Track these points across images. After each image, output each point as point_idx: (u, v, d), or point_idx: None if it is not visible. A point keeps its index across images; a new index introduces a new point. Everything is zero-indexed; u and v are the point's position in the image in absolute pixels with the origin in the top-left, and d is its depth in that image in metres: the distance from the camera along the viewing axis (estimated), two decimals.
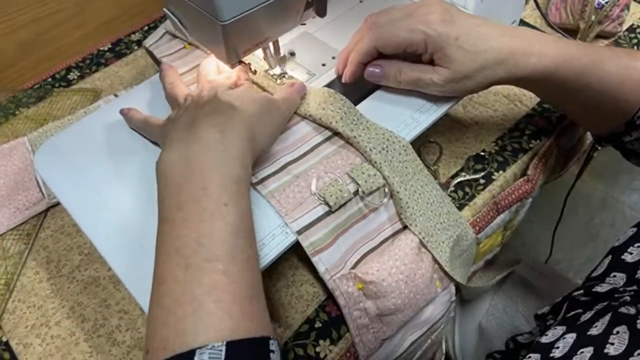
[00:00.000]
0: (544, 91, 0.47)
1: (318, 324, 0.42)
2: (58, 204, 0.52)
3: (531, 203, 0.55)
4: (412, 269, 0.39)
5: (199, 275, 0.29)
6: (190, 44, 0.54)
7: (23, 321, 0.45)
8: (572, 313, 0.38)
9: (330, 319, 0.43)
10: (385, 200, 0.41)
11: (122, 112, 0.46)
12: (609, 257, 0.41)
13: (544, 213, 0.78)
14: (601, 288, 0.38)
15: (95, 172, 0.44)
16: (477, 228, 0.48)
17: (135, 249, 0.38)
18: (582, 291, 0.40)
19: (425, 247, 0.41)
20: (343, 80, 0.46)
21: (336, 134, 0.43)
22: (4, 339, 0.44)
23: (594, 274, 0.41)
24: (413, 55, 0.43)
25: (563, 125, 0.55)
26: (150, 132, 0.44)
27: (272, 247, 0.37)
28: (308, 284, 0.45)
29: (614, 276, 0.38)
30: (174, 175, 0.34)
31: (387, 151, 0.41)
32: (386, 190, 0.41)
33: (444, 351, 0.53)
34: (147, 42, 0.56)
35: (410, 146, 0.42)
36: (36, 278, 0.48)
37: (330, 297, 0.44)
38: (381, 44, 0.43)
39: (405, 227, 0.42)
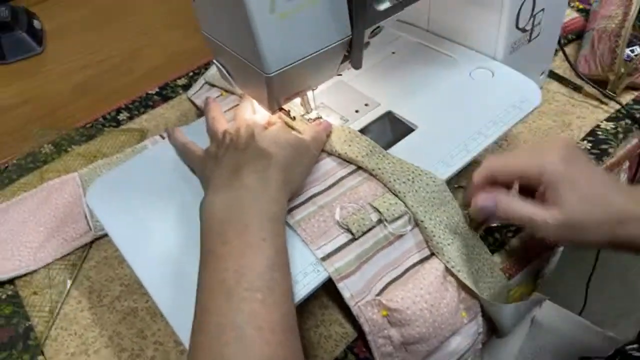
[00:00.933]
0: None
1: None
2: (103, 236, 0.55)
3: (564, 252, 0.55)
4: (437, 297, 0.40)
5: (241, 305, 0.32)
6: (226, 91, 0.58)
7: (64, 348, 0.47)
8: None
9: None
10: (410, 227, 0.42)
11: (167, 130, 0.52)
12: None
13: (578, 263, 0.77)
14: None
15: (142, 208, 0.46)
16: (507, 275, 0.48)
17: (176, 282, 0.40)
18: (635, 345, 0.38)
19: (451, 274, 0.41)
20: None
21: (360, 168, 0.46)
22: None
23: None
24: (526, 192, 0.42)
25: None
26: (188, 158, 0.49)
27: (304, 284, 0.39)
28: (337, 325, 0.46)
29: None
30: (218, 215, 0.38)
31: (412, 182, 0.43)
32: (410, 218, 0.42)
33: None
34: (190, 93, 0.61)
35: (438, 178, 0.44)
36: (78, 307, 0.50)
37: (358, 338, 0.44)
38: (495, 167, 0.42)
39: (431, 255, 0.42)
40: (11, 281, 0.52)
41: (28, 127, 0.71)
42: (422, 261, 0.43)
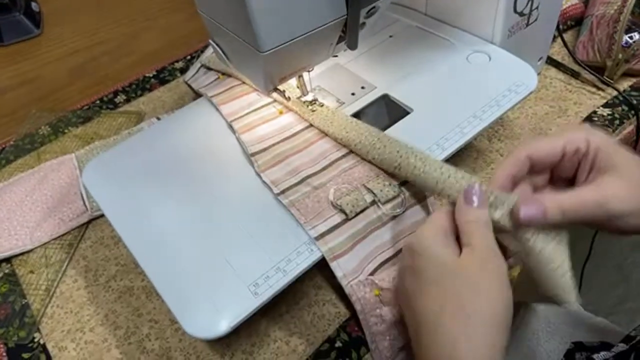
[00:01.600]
0: None
1: (339, 344, 0.43)
2: (99, 216, 0.56)
3: None
4: None
5: None
6: (223, 74, 0.58)
7: (60, 326, 0.47)
8: None
9: (350, 339, 0.43)
10: (403, 209, 0.43)
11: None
12: None
13: (572, 251, 0.78)
14: None
15: (138, 188, 0.47)
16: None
17: (172, 262, 0.41)
18: None
19: None
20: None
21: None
22: (42, 342, 0.46)
23: None
24: (564, 178, 0.37)
25: None
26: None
27: (297, 263, 0.39)
28: (330, 304, 0.46)
29: None
30: None
31: (405, 164, 0.42)
32: (404, 200, 0.42)
33: None
34: (187, 77, 0.61)
35: (430, 157, 0.42)
36: (74, 286, 0.50)
37: (351, 317, 0.45)
38: (535, 149, 0.35)
39: None
40: (8, 260, 0.53)
41: (25, 109, 0.71)
42: None
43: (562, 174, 0.37)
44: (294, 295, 0.47)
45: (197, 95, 0.59)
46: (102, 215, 0.55)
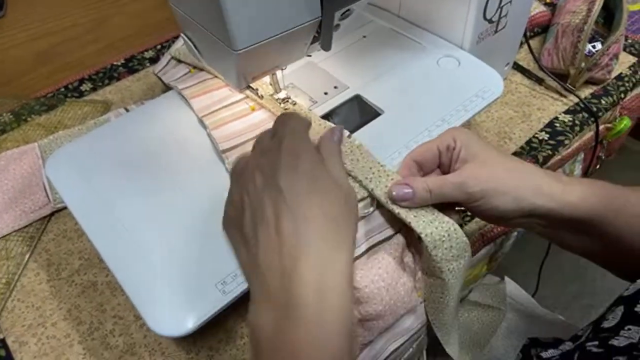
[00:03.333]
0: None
1: None
2: (62, 209, 0.54)
3: (518, 237, 0.57)
4: (394, 277, 0.41)
5: None
6: (195, 67, 0.57)
7: (21, 320, 0.46)
8: None
9: None
10: (372, 209, 0.43)
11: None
12: (621, 307, 0.38)
13: (532, 248, 0.81)
14: (618, 342, 0.36)
15: (103, 181, 0.46)
16: None
17: (136, 257, 0.40)
18: (596, 342, 0.37)
19: (410, 254, 0.43)
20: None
21: None
22: (1, 337, 0.45)
23: (605, 324, 0.38)
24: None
25: (548, 165, 0.58)
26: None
27: None
28: None
29: (629, 329, 0.36)
30: (266, 350, 0.29)
31: (376, 180, 0.43)
32: (372, 200, 0.43)
33: None
34: (156, 69, 0.60)
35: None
36: (36, 279, 0.49)
37: None
38: (417, 152, 0.42)
39: (392, 236, 0.44)
40: None
41: None
42: (382, 242, 0.44)
43: (445, 169, 0.42)
44: None
45: (167, 87, 0.58)
46: (65, 208, 0.54)
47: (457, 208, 0.42)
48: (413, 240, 0.43)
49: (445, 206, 0.40)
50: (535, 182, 0.38)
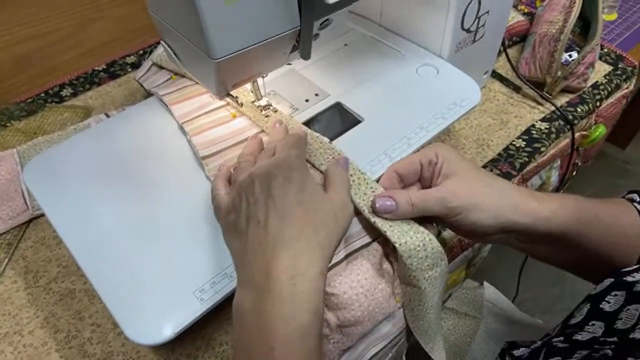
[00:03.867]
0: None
1: None
2: (40, 215, 0.54)
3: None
4: (373, 283, 0.42)
5: None
6: (176, 74, 0.57)
7: None
8: None
9: None
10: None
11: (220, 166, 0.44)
12: (587, 305, 0.40)
13: (511, 252, 0.82)
14: (581, 337, 0.38)
15: (82, 188, 0.46)
16: None
17: (114, 265, 0.40)
18: (561, 338, 0.39)
19: (388, 261, 0.43)
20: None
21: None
22: None
23: (572, 321, 0.41)
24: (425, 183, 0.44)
25: (525, 172, 0.59)
26: (213, 204, 0.41)
27: None
28: None
29: (593, 325, 0.38)
30: (246, 324, 0.34)
31: (355, 187, 0.43)
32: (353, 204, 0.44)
33: None
34: (137, 75, 0.60)
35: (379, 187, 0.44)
36: (13, 287, 0.49)
37: None
38: (399, 165, 0.43)
39: (370, 242, 0.44)
40: None
41: None
42: (361, 248, 0.45)
43: (426, 183, 0.44)
44: None
45: (149, 93, 0.58)
46: (43, 215, 0.53)
47: (433, 223, 0.43)
48: (390, 248, 0.44)
49: (423, 219, 0.42)
50: (513, 200, 0.40)
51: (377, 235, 0.44)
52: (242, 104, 0.49)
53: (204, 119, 0.51)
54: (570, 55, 0.69)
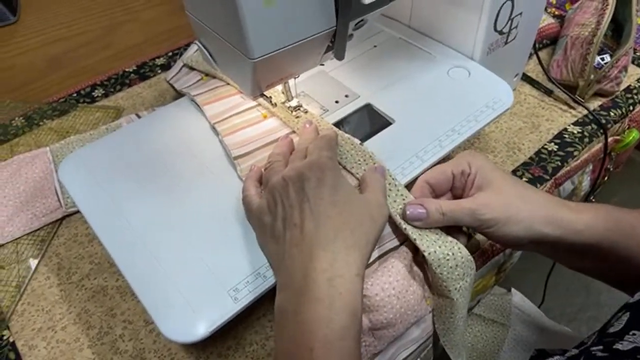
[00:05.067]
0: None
1: None
2: (74, 213, 0.55)
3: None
4: (404, 285, 0.41)
5: None
6: (207, 75, 0.58)
7: (30, 324, 0.46)
8: None
9: None
10: None
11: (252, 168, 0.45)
12: (627, 314, 0.39)
13: (538, 260, 0.80)
14: (622, 346, 0.37)
15: (116, 186, 0.46)
16: None
17: (148, 262, 0.40)
18: (600, 347, 0.38)
19: (418, 263, 0.43)
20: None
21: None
22: (11, 340, 0.45)
23: (610, 330, 0.39)
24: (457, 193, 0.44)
25: (558, 176, 0.58)
26: (244, 204, 0.43)
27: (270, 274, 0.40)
28: None
29: (634, 334, 0.37)
30: (286, 326, 0.35)
31: (389, 192, 0.43)
32: None
33: None
34: (168, 76, 0.61)
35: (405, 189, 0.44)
36: (46, 283, 0.49)
37: None
38: (430, 175, 0.43)
39: (400, 244, 0.44)
40: None
41: None
42: (392, 250, 0.44)
43: (457, 193, 0.43)
44: (272, 300, 0.47)
45: (179, 93, 0.59)
46: (76, 212, 0.54)
47: (464, 228, 0.42)
48: (420, 256, 0.43)
49: (453, 227, 0.41)
50: (548, 212, 0.40)
51: (406, 239, 0.43)
52: (275, 104, 0.49)
53: (235, 119, 0.51)
54: (602, 59, 0.68)
